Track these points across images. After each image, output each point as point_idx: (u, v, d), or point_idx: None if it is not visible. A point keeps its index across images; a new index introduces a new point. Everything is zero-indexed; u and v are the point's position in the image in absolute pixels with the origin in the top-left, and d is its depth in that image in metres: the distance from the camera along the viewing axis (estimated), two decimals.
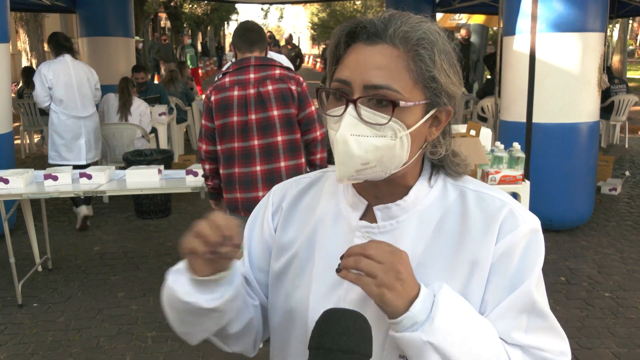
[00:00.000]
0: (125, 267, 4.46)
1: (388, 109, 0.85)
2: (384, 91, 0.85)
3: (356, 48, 0.88)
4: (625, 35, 16.43)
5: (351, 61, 0.88)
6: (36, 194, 3.71)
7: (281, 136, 2.92)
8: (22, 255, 4.54)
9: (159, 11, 25.47)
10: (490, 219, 0.91)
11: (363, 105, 0.85)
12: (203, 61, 22.57)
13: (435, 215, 0.94)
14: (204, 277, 0.89)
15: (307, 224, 1.02)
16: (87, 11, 8.31)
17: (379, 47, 0.86)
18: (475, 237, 0.91)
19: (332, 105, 0.90)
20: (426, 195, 0.95)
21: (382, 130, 0.85)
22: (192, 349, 3.26)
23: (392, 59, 0.86)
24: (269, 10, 42.05)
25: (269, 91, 2.90)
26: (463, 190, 0.96)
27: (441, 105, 0.90)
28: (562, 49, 4.73)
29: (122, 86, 6.18)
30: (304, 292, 0.98)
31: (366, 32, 0.87)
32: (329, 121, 0.90)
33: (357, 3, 29.85)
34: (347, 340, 0.75)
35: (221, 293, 0.92)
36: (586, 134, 4.95)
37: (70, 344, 3.33)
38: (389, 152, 0.87)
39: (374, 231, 0.95)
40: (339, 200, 1.01)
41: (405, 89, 0.86)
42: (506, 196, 0.95)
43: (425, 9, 9.14)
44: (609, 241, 4.98)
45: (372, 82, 0.85)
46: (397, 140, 0.86)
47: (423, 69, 0.86)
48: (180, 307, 0.93)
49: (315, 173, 1.09)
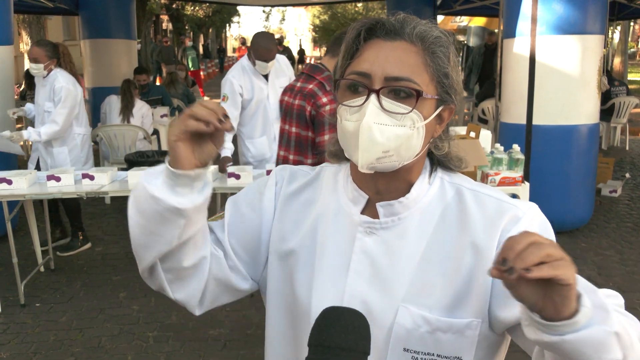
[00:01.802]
0: (126, 267, 4.48)
1: (408, 100, 0.89)
2: (406, 82, 0.88)
3: (375, 43, 0.91)
4: (626, 37, 16.44)
5: (370, 55, 0.90)
6: (39, 195, 3.74)
7: (293, 155, 2.85)
8: (25, 256, 4.56)
9: (161, 13, 25.54)
10: (491, 219, 0.93)
11: (384, 96, 0.88)
12: (205, 63, 22.60)
13: (435, 212, 0.96)
14: (184, 170, 0.89)
15: (307, 218, 1.03)
16: (90, 13, 8.35)
17: (398, 43, 0.90)
18: (476, 229, 0.92)
19: (348, 97, 0.92)
20: (426, 192, 0.97)
21: (402, 120, 0.89)
22: (193, 349, 3.29)
23: (411, 54, 0.90)
24: (270, 12, 42.07)
25: (294, 105, 2.81)
26: (459, 188, 0.98)
27: (448, 103, 0.94)
28: (562, 51, 4.74)
29: (124, 88, 6.21)
30: (306, 285, 0.99)
31: (385, 29, 0.91)
32: (344, 112, 0.91)
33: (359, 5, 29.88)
34: (346, 339, 0.76)
35: (191, 198, 0.91)
36: (586, 136, 4.96)
37: (72, 344, 3.36)
38: (406, 142, 0.89)
39: (376, 227, 0.96)
40: (339, 195, 1.02)
41: (423, 83, 0.90)
42: (501, 194, 0.97)
43: (426, 11, 9.17)
44: (608, 243, 4.99)
45: (394, 74, 0.88)
46: (415, 130, 0.90)
47: (440, 65, 0.91)
48: (147, 207, 0.91)
49: (317, 168, 1.10)
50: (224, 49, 32.77)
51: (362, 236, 0.97)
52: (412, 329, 0.91)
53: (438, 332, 0.91)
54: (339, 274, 0.97)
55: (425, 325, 0.91)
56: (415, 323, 0.91)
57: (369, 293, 0.94)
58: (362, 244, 0.97)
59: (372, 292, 0.94)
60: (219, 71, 27.52)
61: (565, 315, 0.71)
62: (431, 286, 0.92)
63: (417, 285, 0.93)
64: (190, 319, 3.62)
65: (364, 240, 0.97)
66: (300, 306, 0.99)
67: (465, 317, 0.91)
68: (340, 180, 1.04)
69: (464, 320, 0.91)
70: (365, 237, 0.97)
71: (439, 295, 0.92)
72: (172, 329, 3.51)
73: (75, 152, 4.55)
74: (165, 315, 3.68)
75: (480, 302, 0.91)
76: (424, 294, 0.92)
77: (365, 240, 0.97)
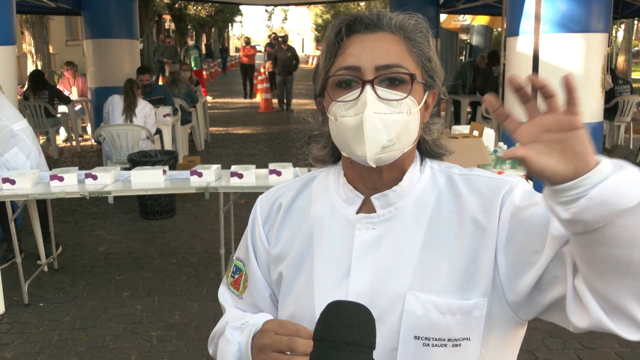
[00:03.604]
0: (130, 267, 4.49)
1: (401, 87, 0.90)
2: (397, 69, 0.90)
3: (356, 37, 0.92)
4: (630, 35, 16.39)
5: (355, 49, 0.91)
6: (42, 195, 3.74)
7: None
8: (28, 256, 4.57)
9: (163, 13, 25.56)
10: (487, 197, 0.93)
11: (377, 85, 0.89)
12: (207, 63, 22.60)
13: (430, 199, 0.97)
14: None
15: (302, 226, 1.03)
16: (92, 13, 8.37)
17: (379, 34, 0.92)
18: (474, 210, 0.93)
19: (340, 94, 0.92)
20: (418, 180, 0.98)
21: (399, 107, 0.89)
22: (197, 348, 3.29)
23: (395, 42, 0.92)
24: (273, 11, 42.11)
25: None
26: (450, 175, 0.99)
27: (433, 88, 0.96)
28: (565, 49, 4.73)
29: (127, 88, 6.22)
30: (307, 292, 0.98)
31: (363, 23, 0.92)
32: (338, 110, 0.91)
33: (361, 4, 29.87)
34: (351, 333, 0.76)
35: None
36: (589, 135, 4.92)
37: (76, 343, 3.36)
38: (405, 128, 0.90)
39: (374, 220, 0.96)
40: (333, 198, 1.02)
41: (411, 68, 0.92)
42: (490, 173, 0.99)
43: (429, 10, 9.15)
44: None
45: (383, 63, 0.89)
46: (412, 116, 0.90)
47: (422, 50, 0.94)
48: None
49: (303, 177, 1.10)
50: (227, 49, 32.71)
51: (361, 233, 0.97)
52: (421, 315, 0.90)
53: (448, 315, 0.90)
54: (341, 276, 0.96)
55: (434, 310, 0.90)
56: (425, 309, 0.90)
57: (374, 287, 0.93)
58: (362, 241, 0.96)
59: (378, 285, 0.93)
60: (222, 71, 27.54)
61: (589, 168, 0.71)
62: (436, 270, 0.92)
63: (422, 271, 0.92)
64: (194, 318, 3.62)
65: (363, 236, 0.96)
66: (304, 313, 0.97)
67: (473, 298, 0.90)
68: (331, 183, 1.04)
69: (472, 301, 0.90)
70: (364, 234, 0.96)
71: (445, 279, 0.91)
72: (176, 328, 3.51)
73: None
74: (169, 315, 3.68)
75: (486, 281, 0.90)
76: (430, 279, 0.92)
77: (364, 236, 0.96)
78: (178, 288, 4.08)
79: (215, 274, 4.27)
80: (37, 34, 11.87)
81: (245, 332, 0.94)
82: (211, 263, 4.50)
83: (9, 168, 4.09)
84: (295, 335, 0.83)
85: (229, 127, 11.62)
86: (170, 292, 4.01)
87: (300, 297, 0.99)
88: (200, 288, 4.07)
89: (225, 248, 4.00)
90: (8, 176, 3.68)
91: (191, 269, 4.42)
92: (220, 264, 4.02)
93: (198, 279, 4.24)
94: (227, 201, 4.12)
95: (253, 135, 10.58)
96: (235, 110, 14.26)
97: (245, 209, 5.61)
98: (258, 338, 0.89)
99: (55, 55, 17.00)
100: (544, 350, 3.22)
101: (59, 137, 9.94)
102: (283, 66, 13.33)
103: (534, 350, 3.22)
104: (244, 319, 1.01)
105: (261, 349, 0.87)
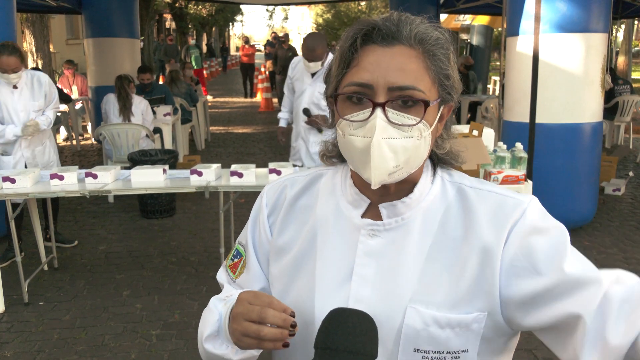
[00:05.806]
0: (130, 266, 4.49)
1: (413, 109, 0.86)
2: (411, 92, 0.85)
3: (371, 50, 0.87)
4: (630, 36, 16.37)
5: (369, 63, 0.86)
6: (42, 194, 3.74)
7: None
8: (28, 254, 4.58)
9: (164, 12, 25.54)
10: (496, 216, 0.92)
11: (389, 108, 0.85)
12: (208, 62, 22.60)
13: (438, 211, 0.94)
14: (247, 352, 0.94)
15: (306, 225, 1.02)
16: (93, 12, 8.36)
17: (397, 48, 0.86)
18: (482, 229, 0.91)
19: (349, 110, 0.88)
20: (428, 191, 0.96)
21: (410, 131, 0.86)
22: (196, 347, 3.28)
23: (412, 60, 0.86)
24: (274, 11, 42.04)
25: None
26: (460, 187, 0.96)
27: (449, 102, 0.92)
28: (565, 49, 4.73)
29: (118, 86, 6.14)
30: (308, 292, 0.97)
31: (381, 33, 0.86)
32: (346, 127, 0.88)
33: (362, 4, 29.83)
34: (354, 341, 0.75)
35: (251, 352, 0.97)
36: (589, 135, 4.95)
37: (76, 342, 3.37)
38: (415, 152, 0.87)
39: (379, 228, 0.95)
40: (338, 199, 1.00)
41: (426, 88, 0.87)
42: (501, 189, 0.97)
43: (429, 10, 9.15)
44: (612, 241, 4.98)
45: (397, 84, 0.84)
46: (422, 139, 0.87)
47: (441, 67, 0.88)
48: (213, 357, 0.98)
49: (311, 172, 1.08)
50: (227, 48, 32.73)
51: (365, 239, 0.95)
52: (421, 329, 0.90)
53: (447, 329, 0.90)
54: (342, 279, 0.95)
55: (434, 325, 0.90)
56: (425, 323, 0.90)
57: (375, 296, 0.92)
58: (366, 247, 0.95)
59: (379, 295, 0.92)
60: (222, 70, 27.52)
61: None
62: (438, 285, 0.91)
63: (424, 285, 0.91)
64: (194, 317, 3.63)
65: (367, 243, 0.95)
66: (303, 313, 0.96)
67: (472, 312, 0.90)
68: (338, 183, 1.02)
69: (471, 315, 0.90)
70: (369, 240, 0.95)
71: (446, 293, 0.91)
72: (176, 327, 3.51)
73: None
74: (169, 314, 3.68)
75: (487, 298, 0.90)
76: (431, 293, 0.91)
77: (368, 243, 0.95)
78: (178, 287, 4.09)
79: (215, 273, 4.26)
80: (38, 32, 11.87)
81: (228, 303, 0.95)
82: (211, 262, 4.51)
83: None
84: (267, 307, 0.85)
85: (229, 126, 11.63)
86: (170, 291, 4.02)
87: (300, 296, 0.98)
88: (200, 287, 4.08)
89: (225, 247, 4.00)
90: (8, 175, 3.69)
91: (191, 268, 4.43)
92: (220, 263, 4.02)
93: (198, 278, 4.24)
94: (227, 200, 4.13)
95: (253, 135, 10.59)
96: (235, 110, 14.26)
97: (246, 208, 5.61)
98: (234, 308, 0.91)
99: (56, 54, 17.00)
100: (544, 349, 3.23)
101: (59, 136, 9.95)
102: (283, 66, 13.32)
103: (534, 350, 3.22)
104: (230, 292, 1.03)
105: (234, 317, 0.89)
